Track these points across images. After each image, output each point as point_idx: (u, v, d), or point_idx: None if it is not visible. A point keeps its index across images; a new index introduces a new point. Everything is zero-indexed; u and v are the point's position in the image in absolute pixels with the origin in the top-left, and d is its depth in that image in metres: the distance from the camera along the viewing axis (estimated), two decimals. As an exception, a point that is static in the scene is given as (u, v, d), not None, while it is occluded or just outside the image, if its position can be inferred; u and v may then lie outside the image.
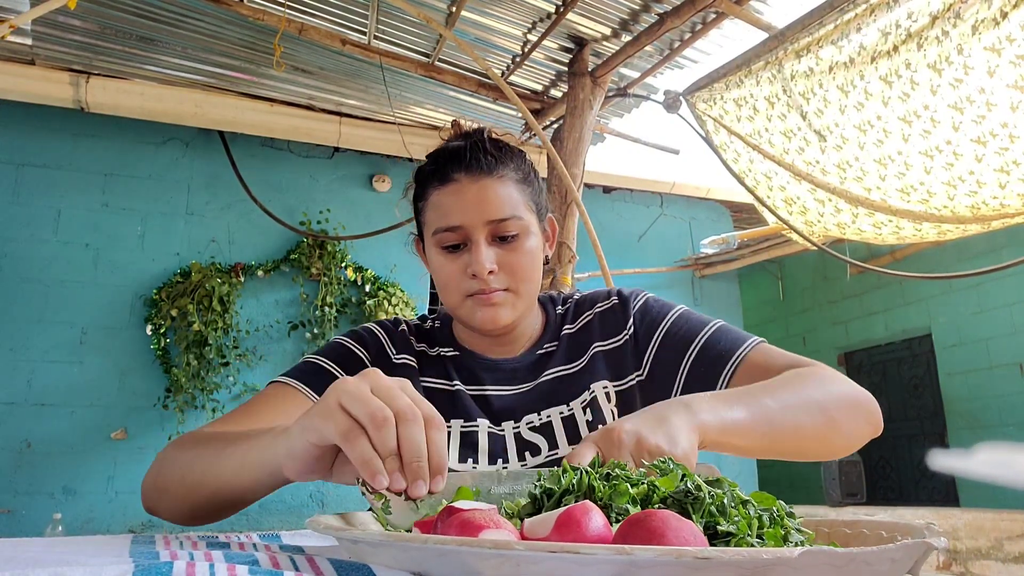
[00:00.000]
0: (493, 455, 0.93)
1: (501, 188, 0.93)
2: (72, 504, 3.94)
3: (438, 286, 0.98)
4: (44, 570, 0.33)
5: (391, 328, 1.04)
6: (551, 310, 1.06)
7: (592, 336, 1.01)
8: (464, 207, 0.92)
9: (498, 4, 3.36)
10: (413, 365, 1.00)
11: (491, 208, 0.92)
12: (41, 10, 2.72)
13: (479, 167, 0.94)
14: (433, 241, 0.95)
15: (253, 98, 4.21)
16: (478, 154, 0.95)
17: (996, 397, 4.96)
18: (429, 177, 0.99)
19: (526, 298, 0.95)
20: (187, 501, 0.77)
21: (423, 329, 1.07)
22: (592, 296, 1.06)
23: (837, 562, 0.35)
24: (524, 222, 0.94)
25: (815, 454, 0.82)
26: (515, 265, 0.93)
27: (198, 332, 4.21)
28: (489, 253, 0.91)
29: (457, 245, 0.93)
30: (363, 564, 0.41)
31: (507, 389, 0.99)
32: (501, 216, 0.92)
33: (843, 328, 6.23)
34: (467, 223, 0.92)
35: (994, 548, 3.50)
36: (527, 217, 0.94)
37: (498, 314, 0.92)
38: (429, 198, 0.98)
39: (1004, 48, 2.44)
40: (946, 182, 3.01)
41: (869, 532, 0.52)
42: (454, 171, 0.94)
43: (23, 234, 4.16)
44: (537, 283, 0.97)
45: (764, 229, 5.04)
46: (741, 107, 3.37)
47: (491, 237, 0.92)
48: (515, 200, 0.94)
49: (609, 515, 0.47)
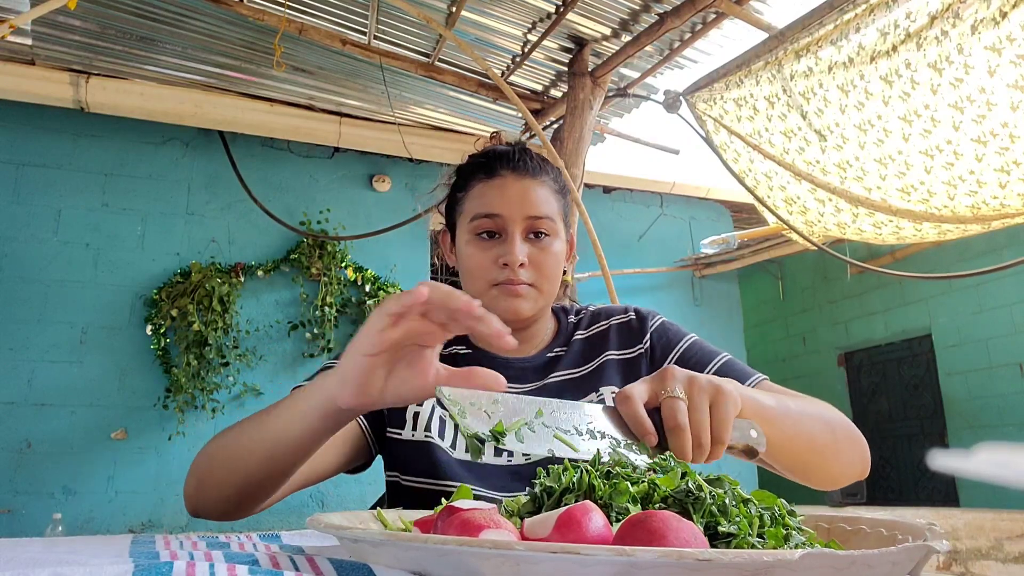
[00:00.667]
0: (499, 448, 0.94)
1: (541, 190, 1.01)
2: (72, 504, 3.93)
3: (464, 272, 1.02)
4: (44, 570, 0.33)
5: None
6: (563, 318, 1.11)
7: (606, 345, 1.06)
8: (507, 200, 0.99)
9: (498, 4, 3.36)
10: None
11: (531, 205, 0.99)
12: (41, 10, 2.72)
13: (525, 168, 1.01)
14: (469, 227, 1.01)
15: (253, 98, 4.21)
16: (525, 158, 1.03)
17: (996, 397, 4.96)
18: (475, 170, 1.04)
19: (547, 297, 1.01)
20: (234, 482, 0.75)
21: None
22: (609, 309, 1.12)
23: (838, 564, 0.35)
24: (556, 226, 1.01)
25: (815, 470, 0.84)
26: (543, 263, 0.98)
27: (198, 332, 4.21)
28: (523, 247, 0.97)
29: (492, 234, 0.99)
30: (363, 564, 0.41)
31: (515, 388, 1.01)
32: (539, 214, 0.99)
33: (843, 328, 6.23)
34: (507, 214, 0.98)
35: (994, 548, 3.50)
36: (558, 223, 1.02)
37: (521, 305, 0.97)
38: (472, 189, 1.03)
39: (1004, 48, 2.44)
40: (946, 182, 3.01)
41: (869, 530, 0.52)
42: (502, 167, 1.02)
43: (23, 234, 4.16)
44: (557, 286, 1.02)
45: (764, 229, 5.04)
46: (741, 107, 3.37)
47: (525, 233, 0.99)
48: (551, 205, 1.01)
49: (609, 514, 0.47)
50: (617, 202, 5.82)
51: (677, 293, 5.83)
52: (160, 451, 4.16)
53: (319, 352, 4.55)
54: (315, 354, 4.56)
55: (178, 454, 4.19)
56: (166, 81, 4.03)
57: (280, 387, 4.48)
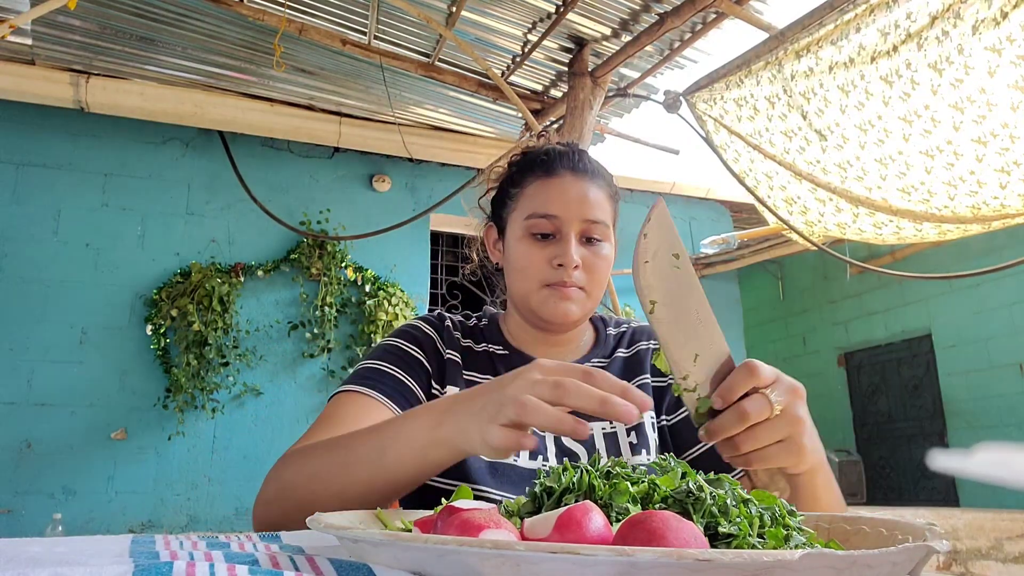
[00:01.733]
0: (534, 453, 0.95)
1: (599, 194, 1.00)
2: (72, 504, 3.94)
3: (514, 270, 1.00)
4: (44, 570, 0.33)
5: (438, 324, 1.05)
6: (603, 329, 1.10)
7: (643, 367, 1.05)
8: (565, 200, 0.97)
9: (498, 4, 3.36)
10: (457, 360, 1.02)
11: (588, 208, 0.97)
12: (41, 10, 2.72)
13: (584, 170, 1.00)
14: (524, 225, 0.99)
15: (253, 98, 4.21)
16: (584, 159, 1.02)
17: (996, 397, 4.96)
18: (532, 167, 1.02)
19: (594, 301, 1.00)
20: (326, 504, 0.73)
21: (467, 325, 1.09)
22: (648, 330, 1.10)
23: (838, 564, 0.35)
24: (609, 232, 1.00)
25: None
26: (595, 267, 0.98)
27: (198, 332, 4.21)
28: (578, 249, 0.96)
29: (547, 235, 0.97)
30: (363, 564, 0.41)
31: None
32: (595, 218, 0.98)
33: (843, 328, 6.23)
34: (565, 215, 0.96)
35: (994, 548, 3.50)
36: (611, 229, 1.01)
37: (570, 308, 0.96)
38: (528, 186, 1.01)
39: (1004, 48, 2.44)
40: (947, 182, 3.01)
41: (869, 529, 0.52)
42: (562, 167, 1.00)
43: (23, 234, 4.16)
44: (603, 291, 1.01)
45: (764, 229, 5.04)
46: (741, 107, 3.37)
47: (580, 236, 0.98)
48: (607, 209, 1.01)
49: (609, 514, 0.47)
50: (617, 202, 5.82)
51: (677, 293, 5.83)
52: (160, 451, 4.16)
53: (319, 352, 4.55)
54: (315, 354, 4.55)
55: (178, 454, 4.19)
56: (166, 81, 4.03)
57: (280, 387, 4.48)
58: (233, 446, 4.31)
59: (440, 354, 1.01)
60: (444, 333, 1.04)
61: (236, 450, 4.31)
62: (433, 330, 1.04)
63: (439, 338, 1.03)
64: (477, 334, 1.07)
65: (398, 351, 0.99)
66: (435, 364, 1.00)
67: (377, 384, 0.93)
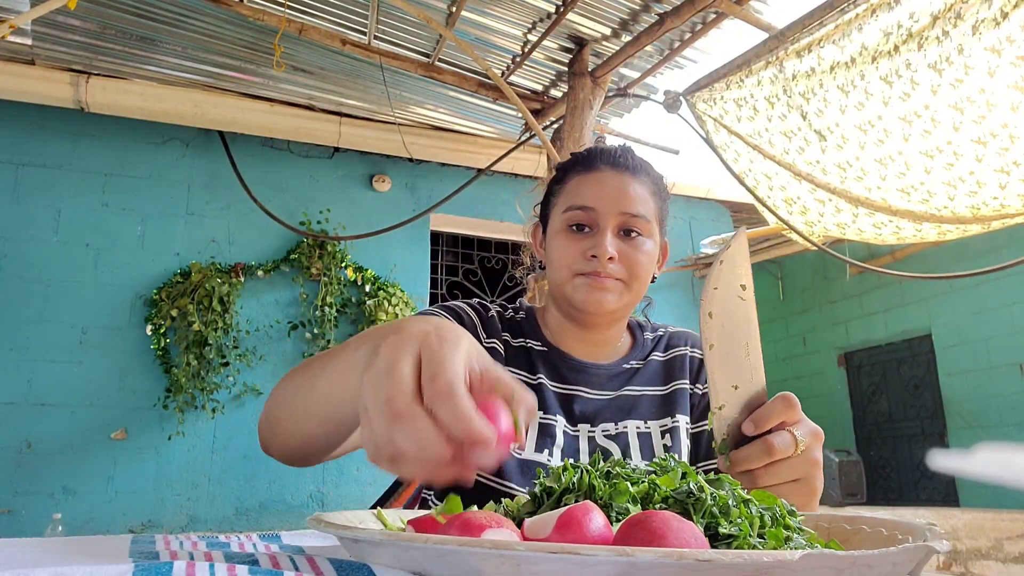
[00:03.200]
0: (567, 452, 0.95)
1: (639, 187, 1.00)
2: (72, 504, 3.93)
3: (550, 263, 1.01)
4: (44, 570, 0.33)
5: (482, 312, 1.05)
6: (639, 334, 1.10)
7: (677, 372, 1.05)
8: (602, 193, 0.98)
9: (498, 4, 3.36)
10: (500, 352, 1.01)
11: (626, 201, 0.97)
12: (41, 10, 2.72)
13: (624, 165, 1.01)
14: (562, 219, 0.99)
15: (253, 98, 4.21)
16: (626, 155, 1.03)
17: (996, 397, 4.96)
18: (574, 165, 1.04)
19: (633, 294, 0.99)
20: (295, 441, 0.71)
21: (506, 318, 1.08)
22: (687, 336, 1.11)
23: (838, 565, 0.35)
24: (650, 226, 0.99)
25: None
26: (633, 260, 0.97)
27: (198, 332, 4.21)
28: (613, 241, 0.96)
29: (583, 227, 0.98)
30: (363, 564, 0.41)
31: (590, 393, 1.00)
32: (633, 211, 0.97)
33: (843, 328, 6.23)
34: (601, 208, 0.97)
35: (994, 548, 3.50)
36: (653, 224, 1.00)
37: (605, 298, 0.95)
38: (569, 182, 1.03)
39: (1004, 49, 2.44)
40: (946, 182, 3.01)
41: (870, 529, 0.52)
42: (601, 162, 1.01)
43: (23, 234, 4.16)
44: (645, 287, 1.01)
45: (764, 229, 5.04)
46: (741, 107, 3.37)
47: (618, 229, 0.97)
48: (648, 204, 1.00)
49: (609, 514, 0.47)
50: (617, 202, 5.82)
51: (677, 293, 5.83)
52: (160, 451, 4.16)
53: (319, 352, 4.55)
54: (315, 354, 4.55)
55: (178, 454, 4.19)
56: (166, 81, 4.03)
57: (280, 387, 4.48)
58: (233, 446, 4.31)
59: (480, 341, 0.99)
60: (488, 322, 1.03)
61: (236, 450, 4.31)
62: (477, 317, 1.03)
63: (481, 325, 1.02)
64: (515, 327, 1.06)
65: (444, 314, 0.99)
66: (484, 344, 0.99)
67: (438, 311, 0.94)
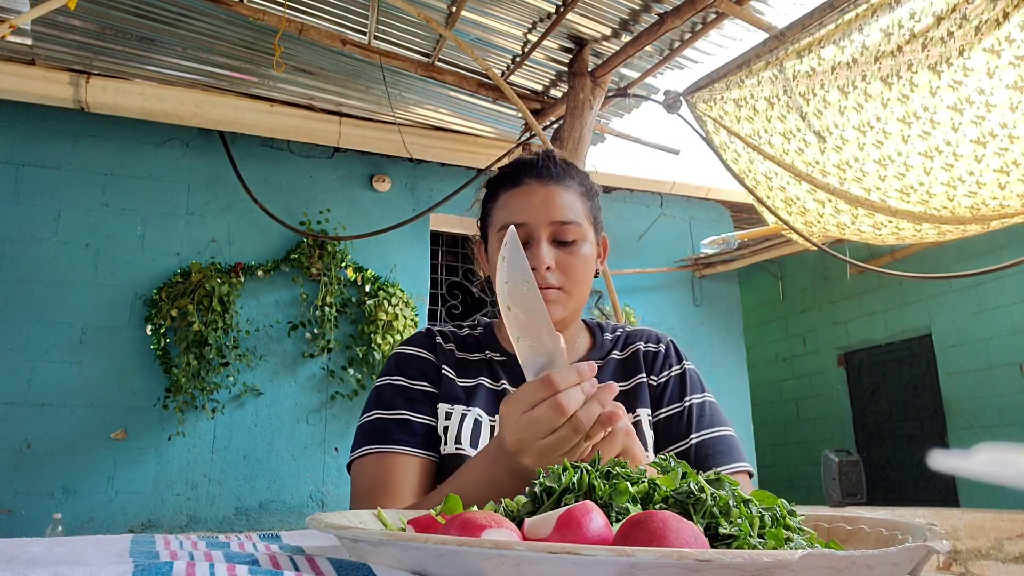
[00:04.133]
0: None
1: (566, 195, 1.03)
2: (72, 504, 3.93)
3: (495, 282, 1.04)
4: (44, 570, 0.33)
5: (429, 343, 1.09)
6: (599, 334, 1.13)
7: (639, 368, 1.08)
8: (531, 207, 1.01)
9: (498, 4, 3.36)
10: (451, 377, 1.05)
11: (555, 211, 1.00)
12: (41, 10, 2.72)
13: (549, 175, 1.04)
14: (498, 237, 1.03)
15: (253, 98, 4.21)
16: (549, 164, 1.05)
17: (996, 397, 4.96)
18: (502, 181, 1.07)
19: (576, 300, 1.02)
20: None
21: (460, 336, 1.12)
22: (643, 333, 1.13)
23: (838, 564, 0.35)
24: (583, 230, 1.02)
25: None
26: (571, 267, 1.00)
27: (198, 332, 4.21)
28: (549, 251, 0.99)
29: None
30: (363, 564, 0.41)
31: None
32: (564, 219, 1.00)
33: (843, 328, 6.23)
34: (532, 221, 1.00)
35: (994, 548, 3.50)
36: (586, 227, 1.03)
37: (550, 310, 0.97)
38: (499, 199, 1.06)
39: (1003, 49, 2.44)
40: (946, 183, 3.01)
41: (869, 530, 0.52)
42: (526, 176, 1.04)
43: (23, 234, 4.16)
44: (587, 290, 1.05)
45: (764, 229, 5.04)
46: (741, 108, 3.37)
47: (552, 239, 1.01)
48: (577, 209, 1.03)
49: (609, 514, 0.47)
50: (617, 202, 5.81)
51: (677, 293, 5.83)
52: (160, 451, 4.16)
53: (319, 352, 4.55)
54: (315, 354, 4.55)
55: (178, 454, 4.19)
56: (166, 81, 4.03)
57: (280, 387, 4.48)
58: (233, 446, 4.31)
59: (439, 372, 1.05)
60: (437, 350, 1.08)
61: (236, 450, 4.31)
62: (427, 351, 1.07)
63: (434, 357, 1.07)
64: (473, 343, 1.11)
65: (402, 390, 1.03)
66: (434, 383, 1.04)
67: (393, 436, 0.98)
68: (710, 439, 0.99)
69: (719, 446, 0.99)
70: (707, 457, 0.98)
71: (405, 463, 0.95)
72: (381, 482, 0.95)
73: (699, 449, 0.99)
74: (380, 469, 0.96)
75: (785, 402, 6.75)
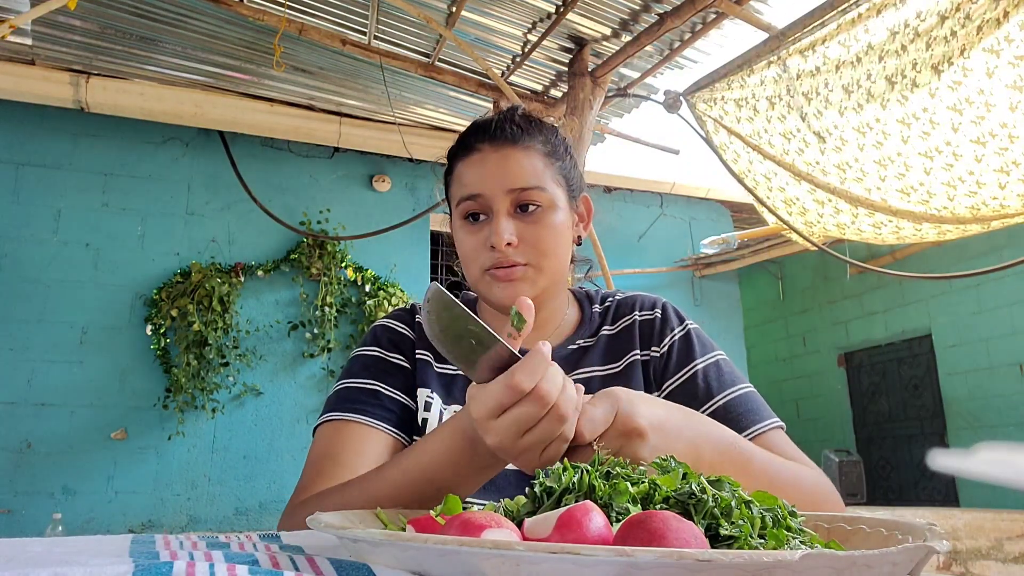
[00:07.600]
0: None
1: (525, 158, 0.90)
2: (72, 504, 3.93)
3: (461, 261, 0.95)
4: (44, 570, 0.33)
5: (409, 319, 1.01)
6: (587, 306, 1.03)
7: (632, 343, 0.97)
8: (485, 175, 0.89)
9: (498, 4, 3.36)
10: (428, 360, 0.98)
11: (512, 177, 0.89)
12: (41, 10, 2.72)
13: (503, 136, 0.91)
14: (457, 213, 0.92)
15: (253, 98, 4.21)
16: (504, 124, 0.92)
17: (996, 397, 4.96)
18: (456, 151, 0.96)
19: (549, 275, 0.91)
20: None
21: None
22: (636, 300, 1.02)
23: (838, 565, 0.35)
24: (548, 195, 0.90)
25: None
26: (537, 238, 0.89)
27: (198, 332, 4.21)
28: (509, 224, 0.88)
29: (479, 216, 0.90)
30: (363, 564, 0.41)
31: None
32: (523, 185, 0.88)
33: (843, 328, 6.23)
34: (487, 191, 0.89)
35: (994, 548, 3.50)
36: (552, 190, 0.91)
37: (517, 290, 0.88)
38: (455, 171, 0.95)
39: (1003, 49, 2.44)
40: (946, 183, 3.01)
41: (869, 529, 0.52)
42: (478, 141, 0.92)
43: (23, 234, 4.16)
44: (563, 261, 0.93)
45: (764, 229, 5.04)
46: (741, 108, 3.37)
47: (513, 208, 0.89)
48: (540, 171, 0.90)
49: (609, 514, 0.47)
50: (617, 202, 5.82)
51: (677, 293, 5.83)
52: (160, 451, 4.16)
53: (319, 352, 4.55)
54: (315, 354, 4.56)
55: (178, 454, 4.19)
56: (166, 81, 4.03)
57: (280, 387, 4.48)
58: (233, 446, 4.31)
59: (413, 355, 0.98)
60: (416, 328, 1.00)
61: (236, 450, 4.31)
62: (405, 326, 1.00)
63: (411, 333, 1.00)
64: None
65: (375, 361, 0.96)
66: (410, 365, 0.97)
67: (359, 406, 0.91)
68: (733, 399, 0.89)
69: (746, 404, 0.89)
70: (737, 418, 0.87)
71: (366, 434, 0.88)
72: (336, 450, 0.86)
73: (726, 411, 0.88)
74: (338, 436, 0.88)
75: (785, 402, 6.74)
